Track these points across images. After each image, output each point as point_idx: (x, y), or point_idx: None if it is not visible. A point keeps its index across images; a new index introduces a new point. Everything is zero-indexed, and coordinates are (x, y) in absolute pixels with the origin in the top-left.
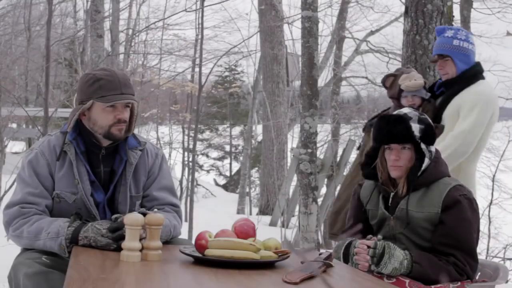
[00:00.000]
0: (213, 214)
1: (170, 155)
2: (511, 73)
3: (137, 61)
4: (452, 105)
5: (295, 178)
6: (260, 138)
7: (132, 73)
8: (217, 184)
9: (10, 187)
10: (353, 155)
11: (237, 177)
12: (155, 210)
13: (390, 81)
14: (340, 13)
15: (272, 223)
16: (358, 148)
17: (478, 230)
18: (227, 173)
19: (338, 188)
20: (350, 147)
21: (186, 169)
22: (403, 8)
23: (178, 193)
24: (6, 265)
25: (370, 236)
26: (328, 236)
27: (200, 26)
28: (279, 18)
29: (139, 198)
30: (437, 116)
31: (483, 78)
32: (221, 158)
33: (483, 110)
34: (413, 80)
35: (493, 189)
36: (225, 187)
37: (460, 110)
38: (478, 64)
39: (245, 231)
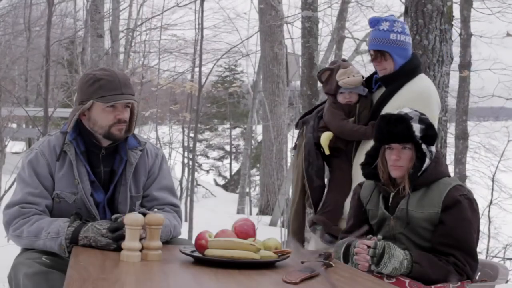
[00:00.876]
0: (213, 214)
1: (170, 155)
2: (511, 72)
3: (138, 61)
4: (393, 103)
5: None
6: (260, 138)
7: (132, 73)
8: (217, 184)
9: (10, 187)
10: None
11: (237, 177)
12: (155, 210)
13: (326, 76)
14: (340, 13)
15: (272, 223)
16: (294, 148)
17: (478, 230)
18: (227, 173)
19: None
20: None
21: (186, 169)
22: (403, 8)
23: (178, 193)
24: (6, 265)
25: (370, 236)
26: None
27: (200, 26)
28: (279, 18)
29: (139, 198)
30: (376, 113)
31: (421, 71)
32: (221, 158)
33: (432, 111)
34: (351, 76)
35: (492, 189)
36: (225, 187)
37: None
38: (415, 57)
39: (245, 231)
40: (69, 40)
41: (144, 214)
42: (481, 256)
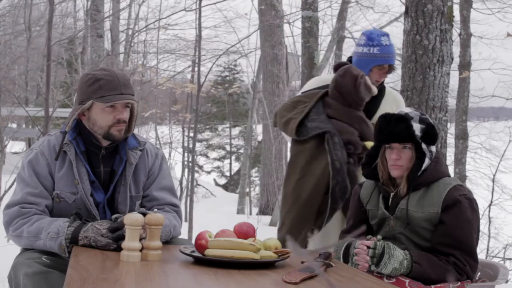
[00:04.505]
0: (213, 214)
1: (170, 155)
2: (511, 72)
3: (137, 61)
4: (383, 108)
5: None
6: (260, 138)
7: (132, 73)
8: (217, 184)
9: (10, 187)
10: None
11: (237, 177)
12: (155, 210)
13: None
14: (340, 13)
15: (272, 223)
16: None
17: (478, 230)
18: (227, 173)
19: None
20: None
21: (186, 169)
22: (403, 8)
23: (178, 193)
24: (6, 265)
25: (370, 236)
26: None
27: (198, 25)
28: (278, 16)
29: (139, 198)
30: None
31: None
32: (221, 158)
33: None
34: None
35: (493, 190)
36: (225, 187)
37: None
38: None
39: (245, 231)
40: (69, 40)
41: (144, 214)
42: (481, 256)
